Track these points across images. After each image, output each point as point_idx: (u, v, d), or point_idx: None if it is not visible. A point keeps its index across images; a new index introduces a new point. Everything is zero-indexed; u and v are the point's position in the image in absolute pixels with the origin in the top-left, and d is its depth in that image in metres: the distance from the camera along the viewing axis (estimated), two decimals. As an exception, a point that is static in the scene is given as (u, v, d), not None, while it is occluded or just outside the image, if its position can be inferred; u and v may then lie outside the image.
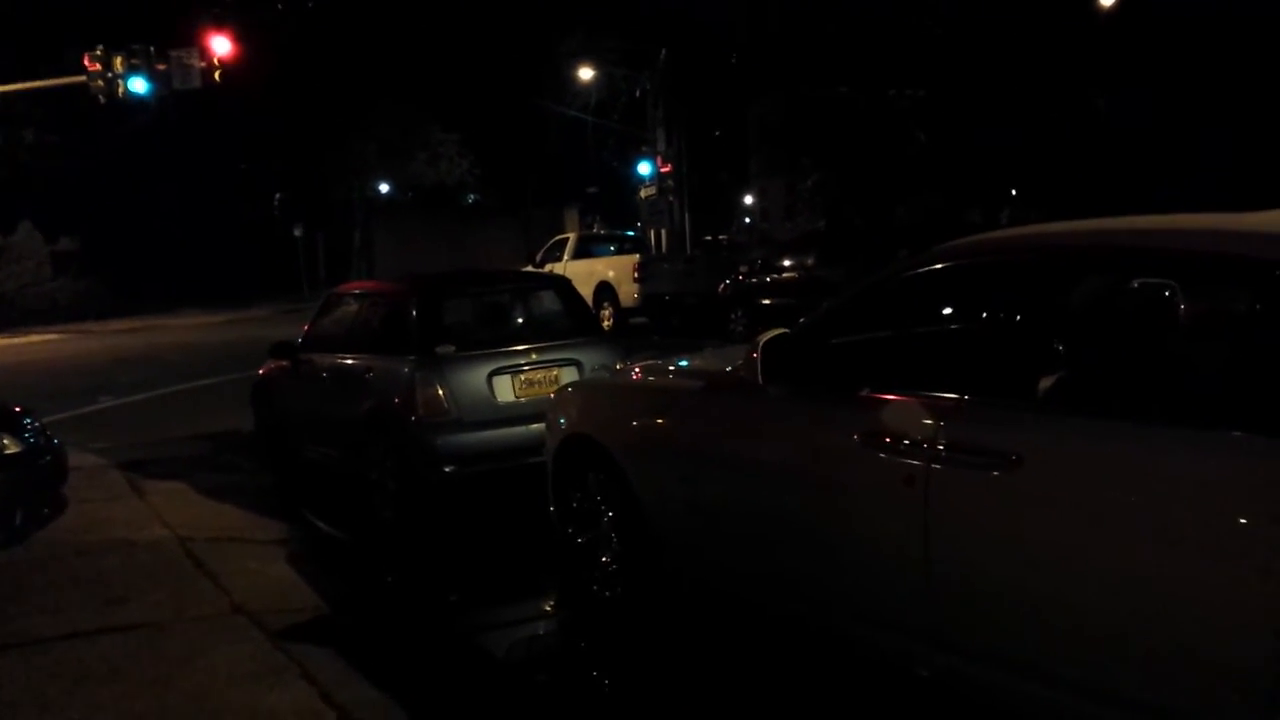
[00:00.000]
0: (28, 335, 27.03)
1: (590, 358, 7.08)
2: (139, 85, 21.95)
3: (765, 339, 3.66)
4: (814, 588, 3.69)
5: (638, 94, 30.55)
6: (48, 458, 5.44)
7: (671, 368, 4.99)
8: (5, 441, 5.08)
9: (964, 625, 3.15)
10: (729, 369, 4.08)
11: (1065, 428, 2.90)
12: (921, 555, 3.16)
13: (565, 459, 5.01)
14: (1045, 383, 3.05)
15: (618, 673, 4.35)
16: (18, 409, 5.68)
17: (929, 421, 3.17)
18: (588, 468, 4.82)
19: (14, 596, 5.03)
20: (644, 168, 29.78)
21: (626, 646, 4.57)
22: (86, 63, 21.67)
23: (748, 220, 56.56)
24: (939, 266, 3.41)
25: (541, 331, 7.30)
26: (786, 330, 3.75)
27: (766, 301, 17.15)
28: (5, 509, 5.01)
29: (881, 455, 3.28)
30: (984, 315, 3.31)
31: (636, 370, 5.09)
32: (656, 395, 4.58)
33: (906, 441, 3.21)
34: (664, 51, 27.96)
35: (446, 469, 6.54)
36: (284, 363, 8.20)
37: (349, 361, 7.39)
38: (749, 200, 54.58)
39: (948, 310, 4.00)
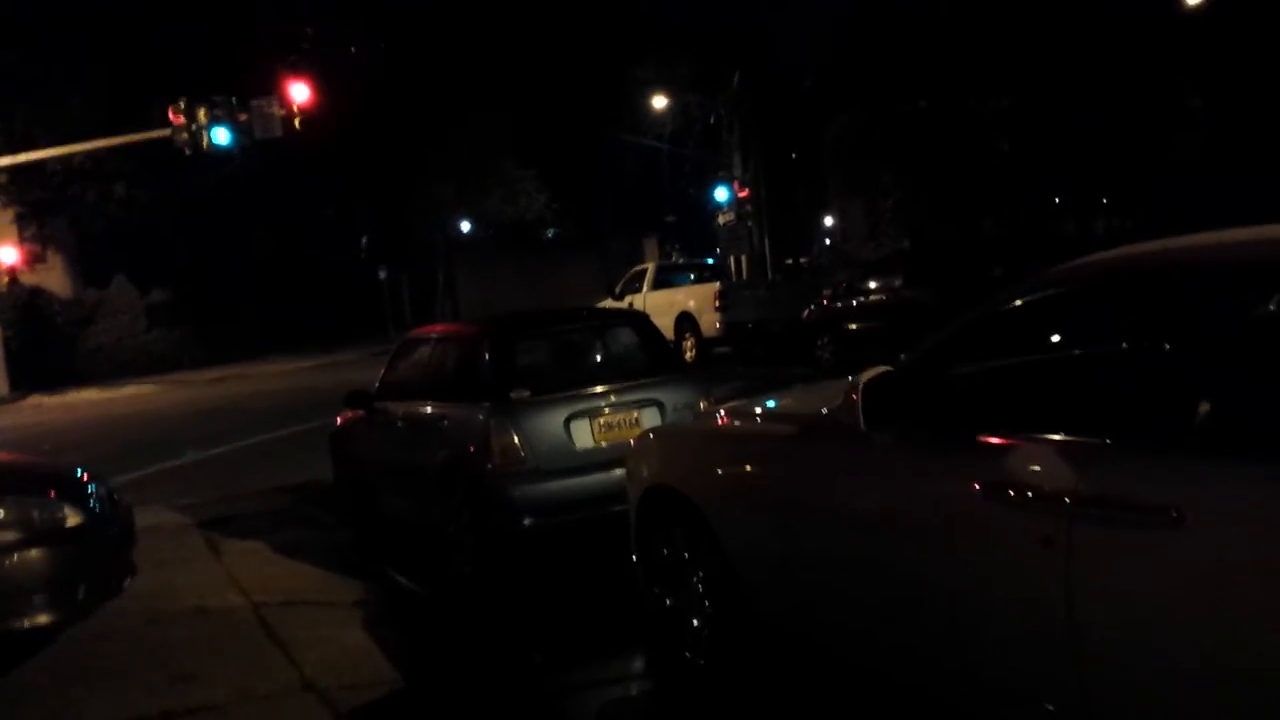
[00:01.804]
0: (123, 387, 27.59)
1: (672, 396, 6.70)
2: (222, 136, 22.26)
3: (866, 379, 3.23)
4: (933, 658, 3.24)
5: (712, 120, 30.28)
6: (114, 527, 5.22)
7: (759, 410, 4.58)
8: (66, 512, 4.86)
9: (1119, 708, 2.68)
10: (825, 412, 3.67)
11: (1235, 476, 2.43)
12: (1064, 626, 2.71)
13: (648, 512, 4.64)
14: (1205, 423, 2.59)
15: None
16: (83, 475, 5.48)
17: (1066, 470, 2.72)
18: (673, 522, 4.44)
19: (78, 676, 4.81)
20: (721, 193, 29.39)
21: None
22: (171, 116, 22.08)
23: (828, 242, 55.74)
24: (1069, 289, 2.96)
25: (619, 371, 6.94)
26: (889, 368, 3.33)
27: (853, 326, 16.58)
28: (67, 584, 4.78)
29: (1009, 511, 2.84)
30: (1124, 344, 2.85)
31: (721, 414, 4.69)
32: (744, 443, 4.17)
33: (1040, 495, 2.76)
34: (737, 75, 27.65)
35: (525, 521, 6.21)
36: (359, 412, 7.99)
37: (422, 410, 7.13)
38: (829, 222, 53.73)
39: (1074, 339, 3.52)
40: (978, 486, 2.94)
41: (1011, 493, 2.84)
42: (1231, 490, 2.42)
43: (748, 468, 4.01)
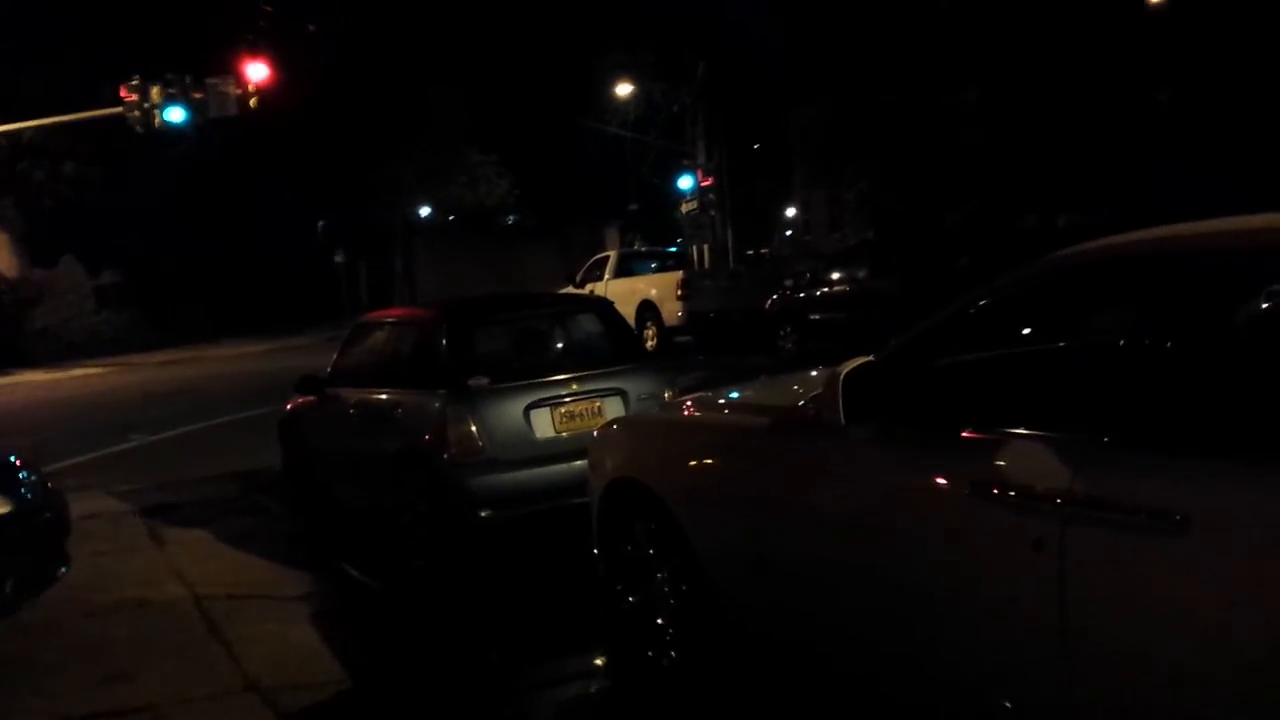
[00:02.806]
0: (70, 369, 26.95)
1: (636, 386, 6.51)
2: (176, 115, 21.76)
3: (846, 370, 3.05)
4: (912, 666, 3.08)
5: (675, 109, 30.02)
6: (46, 514, 4.94)
7: (729, 402, 4.40)
8: (-9, 500, 4.58)
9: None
10: (801, 404, 3.48)
11: (1247, 480, 2.27)
12: (1055, 636, 2.55)
13: (611, 506, 4.44)
14: (1212, 421, 2.43)
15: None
16: (15, 460, 5.19)
17: (1060, 469, 2.56)
18: (637, 516, 4.24)
19: (7, 674, 4.58)
20: (685, 182, 29.18)
21: (688, 724, 3.98)
22: (123, 94, 21.53)
23: (789, 233, 55.76)
24: (1066, 278, 2.80)
25: (582, 359, 6.73)
26: (870, 359, 3.15)
27: (816, 316, 16.48)
28: (-8, 577, 4.51)
29: (998, 511, 2.68)
30: (1122, 337, 2.68)
31: (688, 405, 4.50)
32: (714, 435, 3.98)
33: (1031, 495, 2.60)
34: (703, 64, 27.42)
35: (483, 513, 5.99)
36: (311, 398, 7.72)
37: (376, 396, 6.88)
38: (791, 213, 53.71)
39: (1065, 332, 3.36)
40: (964, 485, 2.78)
41: (1000, 491, 2.68)
42: (1242, 495, 2.26)
43: (718, 461, 3.82)
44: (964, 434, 2.88)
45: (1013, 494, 2.64)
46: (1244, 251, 2.53)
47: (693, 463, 3.95)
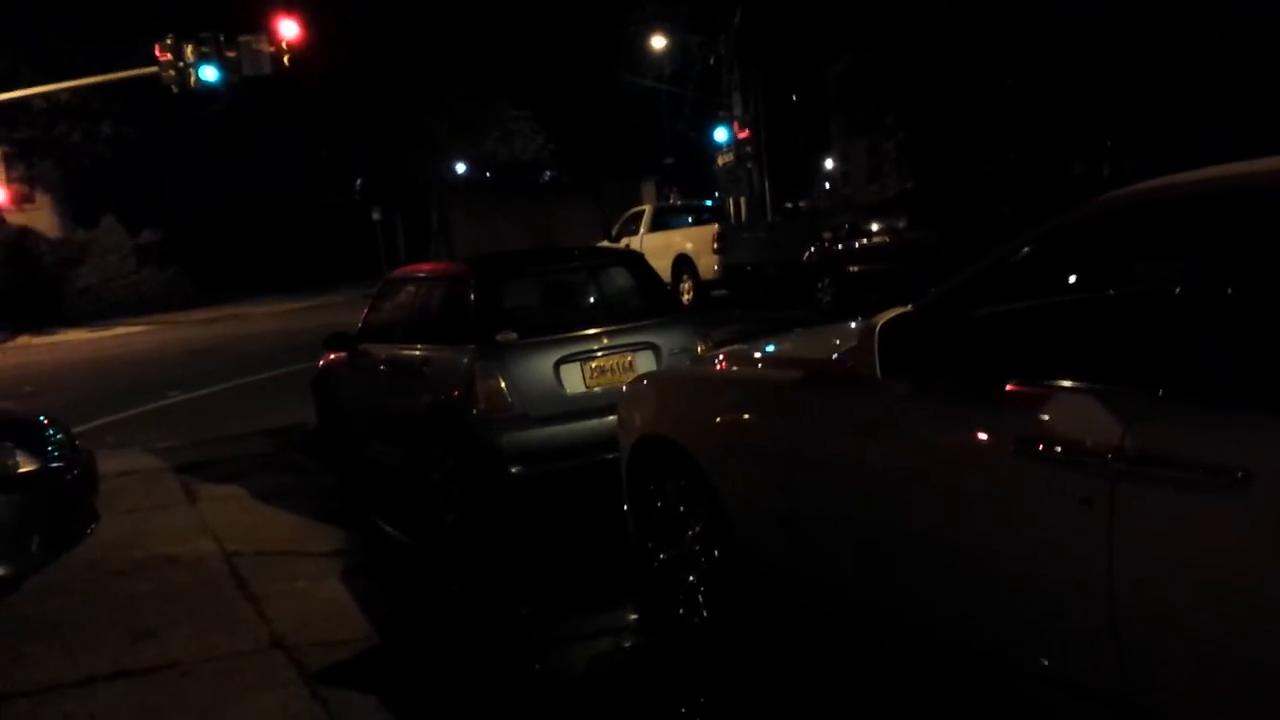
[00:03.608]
0: (112, 328, 27.24)
1: (667, 340, 6.37)
2: (210, 73, 21.76)
3: (883, 321, 2.90)
4: (949, 630, 2.95)
5: (712, 61, 29.57)
6: (74, 472, 4.90)
7: (760, 355, 4.26)
8: (17, 458, 4.54)
9: (1167, 695, 2.39)
10: (835, 357, 3.34)
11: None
12: (1104, 599, 2.40)
13: (641, 463, 4.33)
14: (1274, 373, 2.26)
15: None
16: (42, 419, 5.16)
17: (1110, 424, 2.40)
18: (667, 474, 4.13)
19: (35, 632, 4.54)
20: (720, 134, 28.79)
21: (720, 686, 3.87)
22: (157, 53, 21.54)
23: (828, 185, 55.10)
24: (1118, 221, 2.61)
25: (613, 313, 6.60)
26: (907, 309, 2.99)
27: (855, 268, 16.28)
28: (19, 534, 4.48)
29: (1044, 468, 2.53)
30: (1182, 284, 2.51)
31: (720, 359, 4.36)
32: (745, 390, 3.84)
33: (1080, 450, 2.44)
34: (739, 12, 26.92)
35: (512, 469, 5.91)
36: (342, 354, 7.67)
37: (405, 352, 6.79)
38: (830, 164, 53.07)
39: (1114, 280, 3.18)
40: (1008, 440, 2.63)
41: (1046, 447, 2.52)
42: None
43: (748, 416, 3.69)
44: (1008, 387, 2.72)
45: (1059, 450, 2.49)
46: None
47: (722, 418, 3.82)
